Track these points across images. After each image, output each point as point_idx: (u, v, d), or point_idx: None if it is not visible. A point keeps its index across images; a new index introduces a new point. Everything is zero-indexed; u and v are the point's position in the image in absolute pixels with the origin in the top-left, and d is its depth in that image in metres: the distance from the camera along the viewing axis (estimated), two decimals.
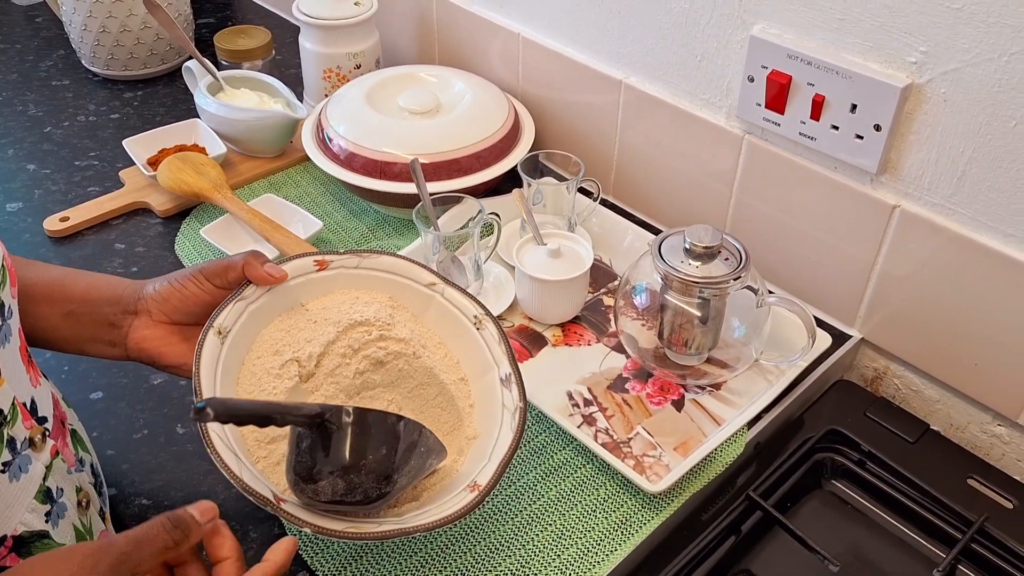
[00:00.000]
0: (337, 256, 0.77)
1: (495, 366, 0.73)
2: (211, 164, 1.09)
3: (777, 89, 0.85)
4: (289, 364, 0.71)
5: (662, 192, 1.04)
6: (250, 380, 0.71)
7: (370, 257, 0.78)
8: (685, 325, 0.83)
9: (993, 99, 0.72)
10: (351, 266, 0.77)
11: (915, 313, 0.85)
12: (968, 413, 0.87)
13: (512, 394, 0.71)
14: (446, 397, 0.74)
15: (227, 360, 0.70)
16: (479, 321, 0.75)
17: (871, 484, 0.80)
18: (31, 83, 1.39)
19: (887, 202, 0.82)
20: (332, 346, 0.72)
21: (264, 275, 0.73)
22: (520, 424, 0.69)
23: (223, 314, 0.71)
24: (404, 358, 0.74)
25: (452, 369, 0.75)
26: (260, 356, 0.72)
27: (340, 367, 0.72)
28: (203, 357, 0.68)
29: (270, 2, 1.64)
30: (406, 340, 0.74)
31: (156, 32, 1.36)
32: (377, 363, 0.73)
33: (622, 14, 0.98)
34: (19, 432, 0.57)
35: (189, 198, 1.08)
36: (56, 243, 1.06)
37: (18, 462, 0.57)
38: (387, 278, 0.78)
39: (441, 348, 0.76)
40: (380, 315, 0.75)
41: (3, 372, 0.56)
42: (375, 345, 0.73)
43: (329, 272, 0.77)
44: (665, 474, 0.76)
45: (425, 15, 1.25)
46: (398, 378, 0.74)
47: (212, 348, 0.69)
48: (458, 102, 1.09)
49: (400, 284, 0.77)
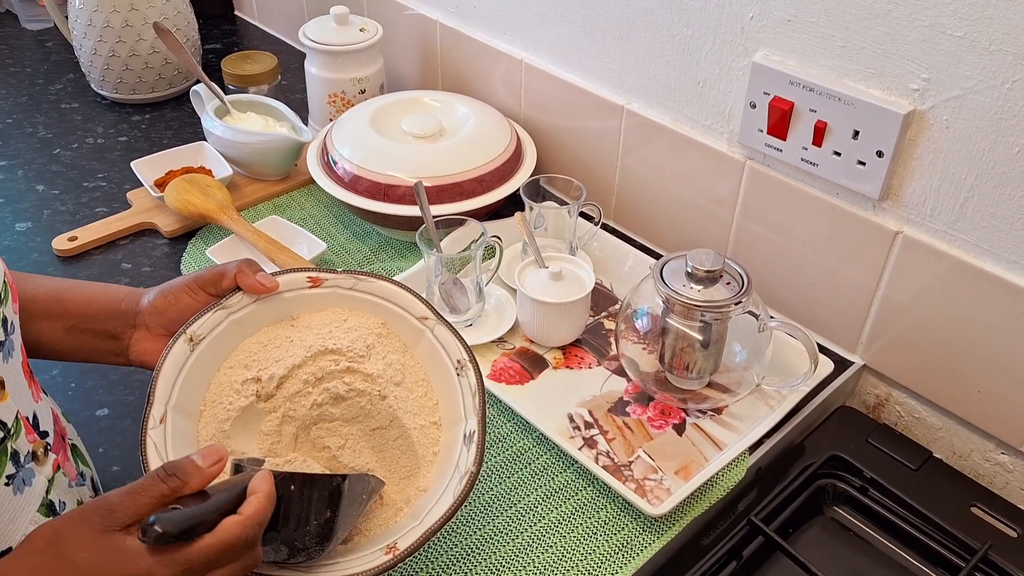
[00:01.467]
0: (332, 275, 0.75)
1: (463, 419, 0.70)
2: (217, 186, 1.10)
3: (779, 115, 0.85)
4: (249, 383, 0.70)
5: (663, 217, 1.05)
6: (218, 391, 0.70)
7: (366, 280, 0.75)
8: (686, 349, 0.83)
9: (995, 126, 0.72)
10: (346, 286, 0.75)
11: (917, 340, 0.85)
12: (971, 441, 0.86)
13: (468, 455, 0.67)
14: (407, 442, 0.70)
15: (195, 367, 0.69)
16: (461, 367, 0.72)
17: (873, 511, 0.79)
18: (41, 106, 1.41)
19: (889, 228, 0.83)
20: (297, 370, 0.70)
21: (255, 284, 0.72)
22: (464, 491, 0.65)
23: (199, 322, 0.70)
24: (367, 396, 0.70)
25: (426, 411, 0.72)
26: (233, 367, 0.71)
27: (300, 394, 0.70)
28: (165, 364, 0.67)
29: (276, 28, 1.66)
30: (373, 377, 0.71)
31: (164, 57, 1.37)
32: (337, 397, 0.70)
33: (624, 40, 0.99)
34: (22, 445, 0.58)
35: (195, 219, 1.09)
36: (64, 262, 1.06)
37: (22, 475, 0.57)
38: (381, 304, 0.75)
39: (423, 386, 0.73)
40: (355, 345, 0.72)
41: (7, 386, 0.56)
42: (339, 378, 0.70)
43: (323, 290, 0.75)
44: (666, 497, 0.76)
45: (429, 41, 1.27)
46: (359, 415, 0.71)
47: (178, 355, 0.68)
48: (461, 127, 1.10)
49: (394, 312, 0.75)
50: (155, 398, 0.66)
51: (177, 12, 1.39)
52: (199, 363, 0.70)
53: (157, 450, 0.64)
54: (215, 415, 0.69)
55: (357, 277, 0.75)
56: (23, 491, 0.57)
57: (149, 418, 0.65)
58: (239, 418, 0.69)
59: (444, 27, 1.23)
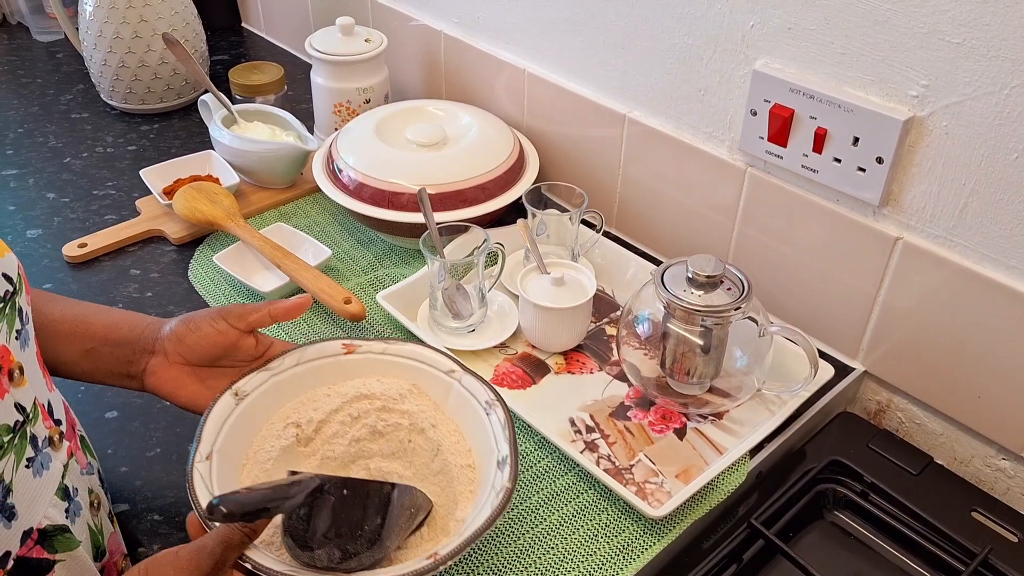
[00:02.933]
0: (365, 342, 0.80)
1: (496, 449, 0.72)
2: (224, 193, 1.11)
3: (780, 123, 0.86)
4: (289, 427, 0.75)
5: (665, 224, 1.05)
6: (260, 443, 0.74)
7: (396, 344, 0.80)
8: (687, 354, 0.84)
9: (994, 132, 0.73)
10: (377, 351, 0.80)
11: (918, 346, 0.85)
12: (972, 447, 0.86)
13: (503, 475, 0.69)
14: (447, 477, 0.73)
15: (239, 420, 0.74)
16: (489, 406, 0.75)
17: (874, 515, 0.79)
18: (52, 116, 1.43)
19: (889, 234, 0.83)
20: (334, 414, 0.75)
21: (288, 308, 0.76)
22: (502, 503, 0.67)
23: (244, 379, 0.75)
24: (405, 430, 0.75)
25: (462, 455, 0.75)
26: (274, 423, 0.76)
27: (337, 435, 0.75)
28: (212, 412, 0.72)
29: (283, 40, 1.67)
30: (410, 413, 0.76)
31: (173, 67, 1.39)
32: (375, 432, 0.75)
33: (626, 50, 1.00)
34: (40, 431, 0.60)
35: (203, 226, 1.10)
36: (74, 268, 1.08)
37: (40, 459, 0.59)
38: (410, 364, 0.79)
39: (455, 435, 0.76)
40: (389, 392, 0.77)
41: (25, 372, 0.58)
42: (376, 415, 0.75)
43: (356, 356, 0.80)
44: (667, 500, 0.76)
45: (433, 51, 1.28)
46: (398, 450, 0.75)
47: (224, 406, 0.73)
48: (464, 135, 1.11)
49: (422, 371, 0.79)
50: (203, 438, 0.70)
51: (186, 24, 1.40)
52: (243, 417, 0.74)
53: (204, 481, 0.67)
54: (257, 460, 0.73)
55: (387, 342, 0.81)
56: (42, 474, 0.59)
57: (196, 453, 0.69)
58: (279, 458, 0.73)
59: (448, 37, 1.24)
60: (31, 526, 0.57)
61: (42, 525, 0.58)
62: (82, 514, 0.63)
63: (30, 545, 0.57)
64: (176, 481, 0.81)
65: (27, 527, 0.56)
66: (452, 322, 0.94)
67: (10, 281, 0.58)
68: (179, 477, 0.81)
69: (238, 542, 0.60)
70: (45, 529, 0.58)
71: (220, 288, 1.03)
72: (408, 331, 0.94)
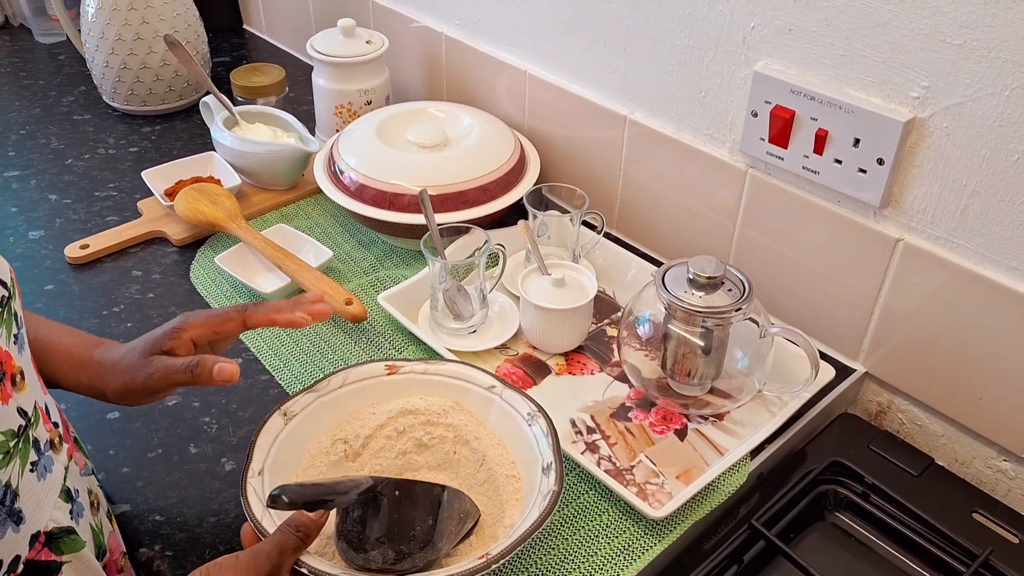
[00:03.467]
0: (407, 362, 0.82)
1: (540, 457, 0.73)
2: (226, 195, 1.11)
3: (780, 124, 0.86)
4: (338, 443, 0.76)
5: (666, 226, 1.05)
6: (309, 462, 0.76)
7: (436, 363, 0.82)
8: (688, 355, 0.84)
9: (995, 133, 0.73)
10: (419, 371, 0.81)
11: (919, 347, 0.85)
12: (973, 448, 0.86)
13: (549, 480, 0.71)
14: (492, 486, 0.75)
15: (288, 439, 0.75)
16: (531, 417, 0.76)
17: (875, 517, 0.79)
18: (54, 117, 1.43)
19: (890, 235, 0.83)
20: (380, 430, 0.77)
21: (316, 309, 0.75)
22: (550, 505, 0.68)
23: (293, 400, 0.77)
24: (450, 442, 0.77)
25: (507, 465, 0.76)
26: (321, 441, 0.78)
27: (384, 449, 0.77)
28: (262, 433, 0.74)
29: (284, 41, 1.68)
30: (455, 426, 0.78)
31: (175, 69, 1.39)
32: (421, 445, 0.77)
33: (627, 51, 1.00)
34: (42, 434, 0.60)
35: (204, 227, 1.10)
36: (75, 270, 1.08)
37: (43, 462, 0.59)
38: (452, 383, 0.81)
39: (499, 448, 0.77)
40: (433, 407, 0.79)
41: (25, 376, 0.58)
42: (422, 429, 0.77)
43: (399, 376, 0.81)
44: (667, 501, 0.76)
45: (434, 53, 1.28)
46: (444, 461, 0.77)
47: (273, 426, 0.75)
48: (465, 136, 1.11)
49: (464, 388, 0.80)
50: (254, 456, 0.72)
51: (187, 25, 1.41)
52: (292, 436, 0.76)
53: (257, 494, 0.68)
54: (307, 476, 0.75)
55: (428, 362, 0.82)
56: (46, 477, 0.59)
57: (249, 470, 0.70)
58: (329, 473, 0.75)
59: (449, 39, 1.24)
60: (38, 529, 0.57)
61: (48, 528, 0.58)
62: (84, 515, 0.64)
63: (38, 548, 0.57)
64: (177, 481, 0.81)
65: (34, 530, 0.57)
66: (453, 323, 0.94)
67: (4, 286, 0.58)
68: (180, 478, 0.81)
69: (292, 547, 0.62)
70: (51, 532, 0.59)
71: (221, 289, 1.04)
72: (409, 332, 0.94)
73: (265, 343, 0.95)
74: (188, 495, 0.80)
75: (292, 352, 0.94)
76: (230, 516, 0.77)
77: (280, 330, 0.97)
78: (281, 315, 0.74)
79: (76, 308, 1.01)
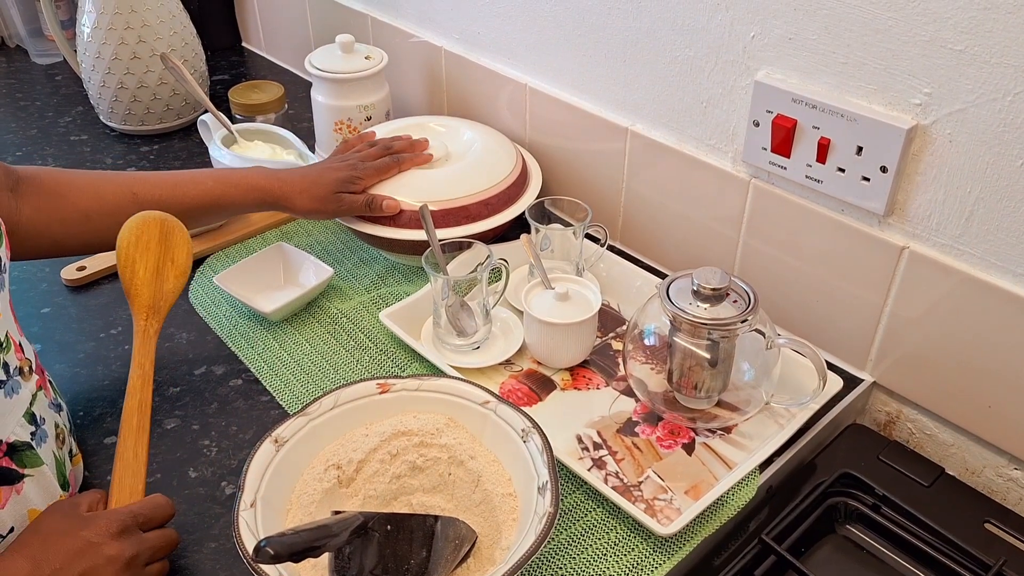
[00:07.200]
0: (399, 380, 0.81)
1: (535, 476, 0.73)
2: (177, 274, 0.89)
3: (783, 133, 0.85)
4: (331, 469, 0.75)
5: (669, 237, 1.05)
6: (302, 488, 0.75)
7: (429, 380, 0.81)
8: (694, 368, 0.83)
9: (998, 139, 0.72)
10: (412, 388, 0.81)
11: (927, 355, 0.85)
12: (983, 457, 0.85)
13: (545, 500, 0.69)
14: (488, 507, 0.74)
15: (281, 467, 0.74)
16: (525, 434, 0.75)
17: (886, 528, 0.78)
18: (50, 138, 1.42)
19: (895, 244, 0.83)
20: (373, 453, 0.76)
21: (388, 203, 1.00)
22: (545, 528, 0.67)
23: (284, 425, 0.76)
24: (444, 464, 0.76)
25: (503, 484, 0.75)
26: (315, 467, 0.76)
27: (377, 473, 0.76)
28: (253, 461, 0.73)
29: (283, 58, 1.67)
30: (449, 447, 0.77)
31: (172, 88, 1.39)
32: (415, 468, 0.76)
33: (627, 63, 0.99)
34: (12, 360, 0.69)
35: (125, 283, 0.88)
36: (72, 292, 1.07)
37: (10, 384, 0.68)
38: (445, 399, 0.80)
39: (494, 465, 0.76)
40: (427, 427, 0.78)
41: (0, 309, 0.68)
42: (415, 451, 0.76)
43: (391, 394, 0.80)
44: (676, 517, 0.75)
45: (434, 68, 1.28)
46: (439, 484, 0.76)
47: (264, 454, 0.74)
48: (467, 151, 1.11)
49: (458, 404, 0.80)
50: (246, 487, 0.71)
51: (185, 44, 1.40)
52: (284, 463, 0.75)
53: (250, 528, 0.68)
54: (301, 504, 0.73)
55: (421, 379, 0.81)
56: (12, 397, 0.69)
57: (241, 502, 0.69)
58: (322, 501, 0.73)
59: (449, 53, 1.24)
60: (1, 439, 0.67)
61: (10, 440, 0.68)
62: (47, 442, 0.73)
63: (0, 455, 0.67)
64: (176, 505, 0.79)
65: None
66: (456, 339, 0.94)
67: None
68: (179, 502, 0.80)
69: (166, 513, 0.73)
70: (13, 444, 0.68)
71: (221, 309, 1.03)
72: (412, 350, 0.93)
73: (265, 363, 0.95)
74: (187, 520, 0.78)
75: (293, 372, 0.93)
76: (231, 541, 0.76)
77: (281, 350, 0.96)
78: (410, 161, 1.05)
79: (73, 330, 1.01)
